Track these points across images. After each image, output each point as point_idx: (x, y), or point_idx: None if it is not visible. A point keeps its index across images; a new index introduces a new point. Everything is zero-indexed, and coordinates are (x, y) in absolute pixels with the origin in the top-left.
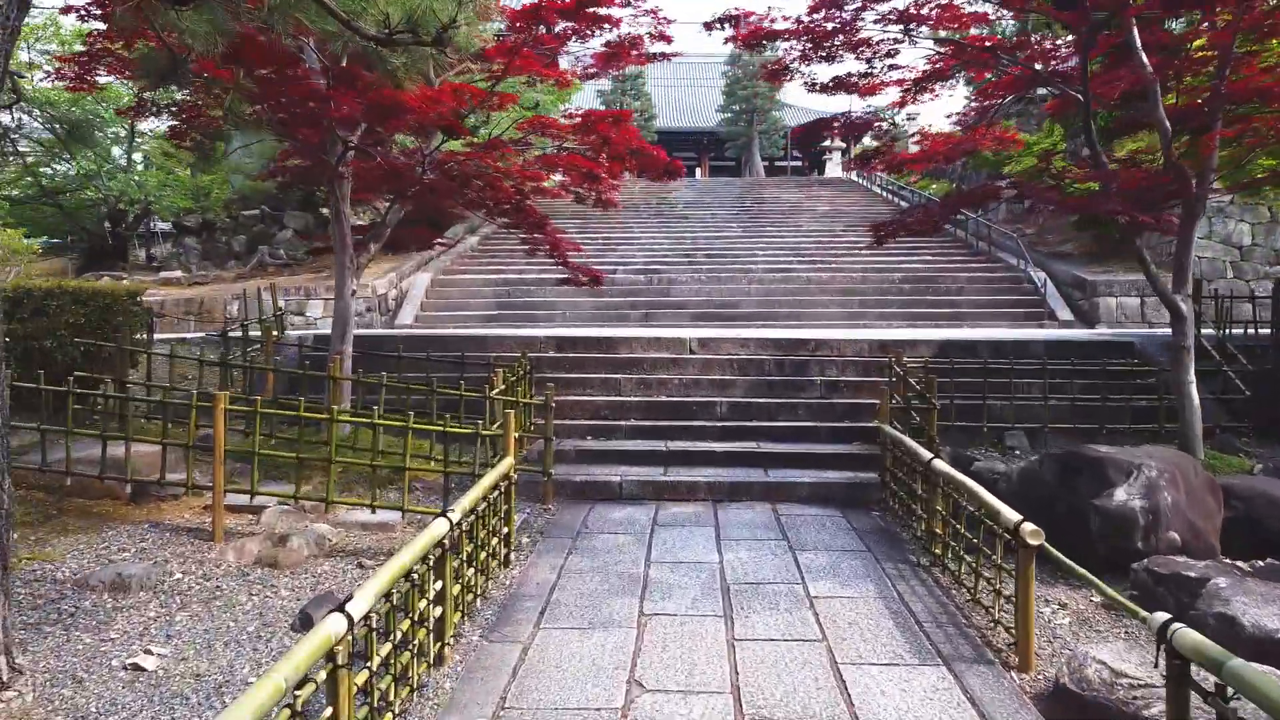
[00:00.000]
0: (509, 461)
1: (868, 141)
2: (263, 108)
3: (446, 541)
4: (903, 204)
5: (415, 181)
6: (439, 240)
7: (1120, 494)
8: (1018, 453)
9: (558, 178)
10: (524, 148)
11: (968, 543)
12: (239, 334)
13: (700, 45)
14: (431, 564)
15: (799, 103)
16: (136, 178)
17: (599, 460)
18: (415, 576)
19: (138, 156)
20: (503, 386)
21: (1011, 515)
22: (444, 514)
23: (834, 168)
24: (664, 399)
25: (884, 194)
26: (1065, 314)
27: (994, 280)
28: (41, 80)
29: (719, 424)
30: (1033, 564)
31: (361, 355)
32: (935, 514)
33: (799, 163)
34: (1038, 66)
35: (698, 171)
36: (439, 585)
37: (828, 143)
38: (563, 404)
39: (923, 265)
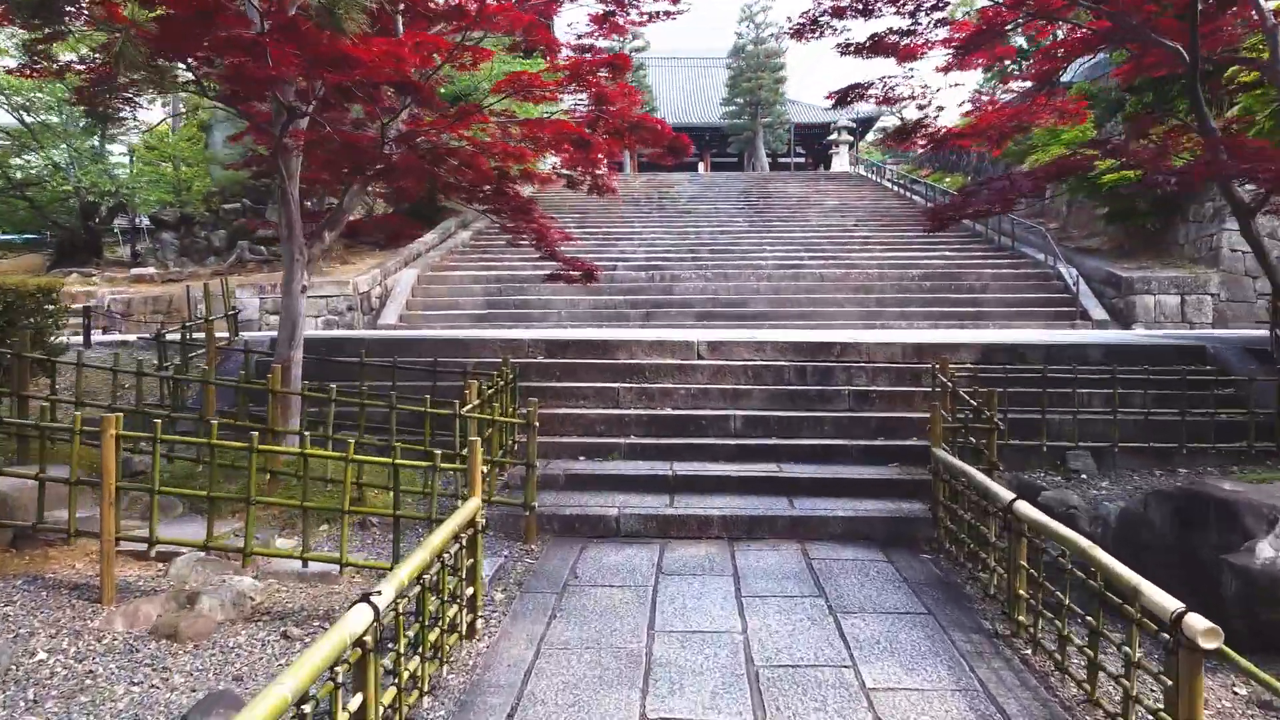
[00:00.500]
0: (474, 504)
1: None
2: (196, 68)
3: (369, 638)
4: (916, 199)
5: (376, 158)
6: (415, 235)
7: (1266, 549)
8: (1084, 477)
9: (550, 161)
10: (506, 120)
11: (1057, 602)
12: (189, 336)
13: (701, 44)
14: (340, 680)
15: (803, 99)
16: (108, 169)
17: (593, 487)
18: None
19: (118, 148)
20: (477, 401)
21: (1165, 600)
22: (367, 599)
23: (840, 163)
24: (668, 412)
25: (895, 188)
26: (1099, 313)
27: (1020, 277)
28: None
29: (733, 442)
30: (1201, 673)
31: (319, 361)
32: (1018, 570)
33: (802, 159)
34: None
35: (700, 167)
36: (357, 701)
37: (834, 136)
38: (551, 418)
39: (943, 261)
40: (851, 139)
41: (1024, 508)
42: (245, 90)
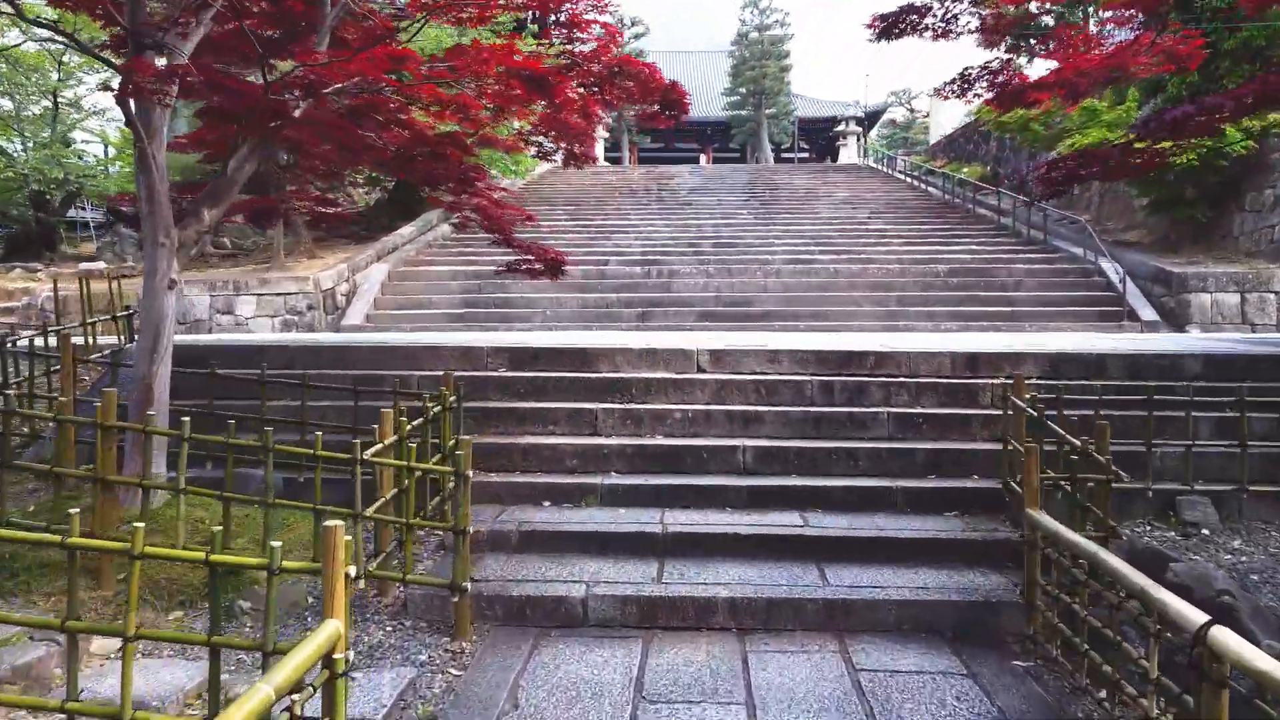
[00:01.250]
0: (326, 635)
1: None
2: None
3: None
4: (932, 190)
5: (275, 112)
6: (392, 227)
7: None
8: (1204, 532)
9: (515, 126)
10: (436, 64)
11: None
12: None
13: (703, 37)
14: None
15: (806, 93)
16: (56, 155)
17: (556, 548)
18: None
19: (81, 135)
20: (394, 438)
21: None
22: None
23: (848, 155)
24: (659, 441)
25: (908, 180)
26: (1149, 313)
27: (1056, 273)
28: None
29: (743, 483)
30: None
31: (201, 378)
32: None
33: (806, 154)
34: None
35: (702, 160)
36: None
37: (842, 127)
38: (510, 451)
39: (969, 256)
40: (860, 129)
41: (1228, 641)
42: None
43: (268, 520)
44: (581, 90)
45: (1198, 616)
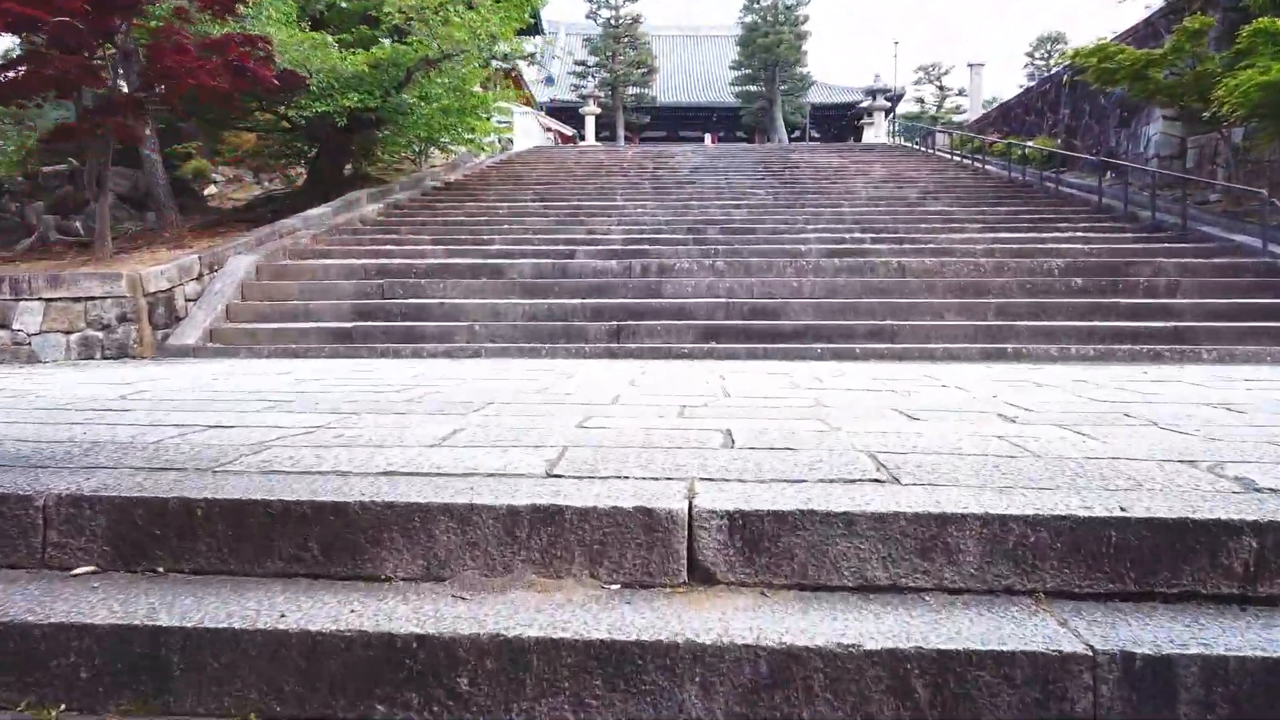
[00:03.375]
0: None
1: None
2: None
3: None
4: (990, 168)
5: None
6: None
7: None
8: None
9: None
10: None
11: None
12: None
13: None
14: None
15: (821, 78)
16: None
17: None
18: None
19: None
20: None
21: None
22: None
23: (873, 135)
24: None
25: (954, 158)
26: None
27: (1222, 271)
28: None
29: None
30: None
31: None
32: None
33: (818, 141)
34: None
35: (707, 139)
36: None
37: (868, 103)
38: None
39: (1086, 248)
40: (889, 104)
41: None
42: None
43: None
44: None
45: None
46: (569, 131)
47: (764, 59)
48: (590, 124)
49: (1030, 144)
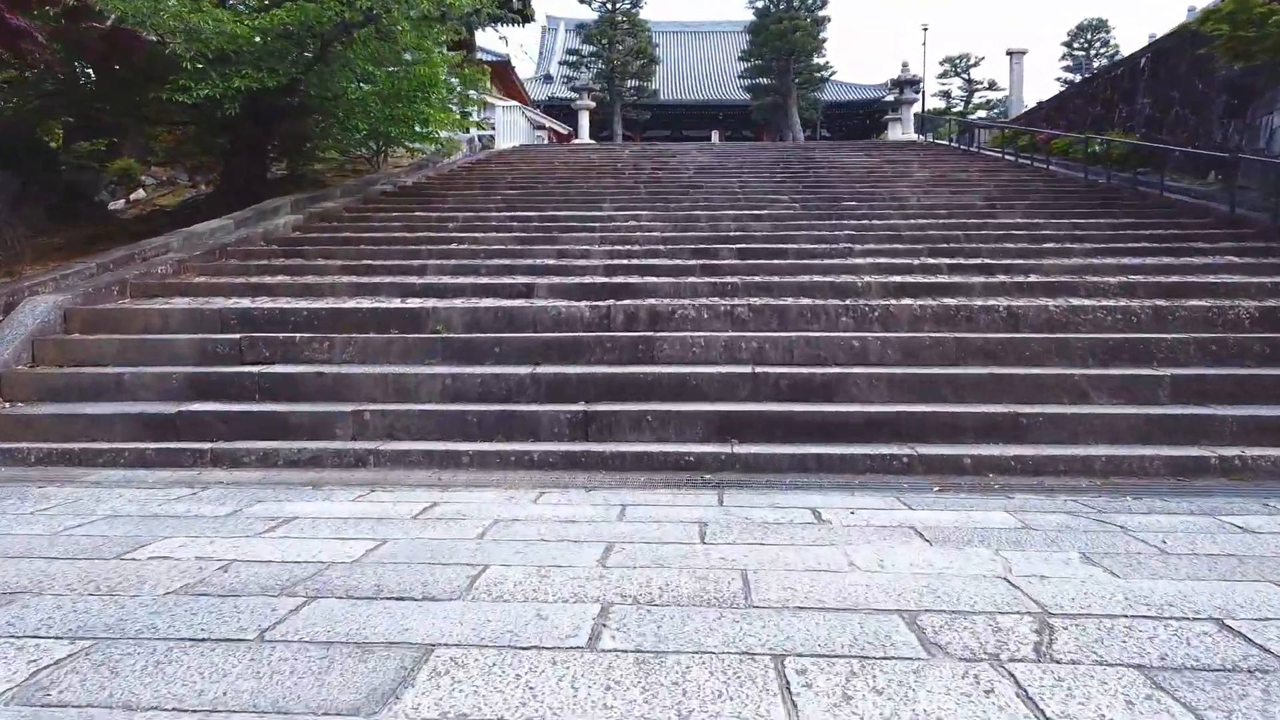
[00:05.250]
0: None
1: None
2: None
3: None
4: (1052, 168)
5: None
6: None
7: None
8: None
9: None
10: None
11: None
12: None
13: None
14: None
15: (841, 77)
16: None
17: None
18: None
19: None
20: None
21: None
22: None
23: (900, 132)
24: None
25: (1003, 156)
26: None
27: None
28: None
29: None
30: None
31: None
32: None
33: (828, 140)
34: None
35: (714, 135)
36: None
37: (895, 96)
38: None
39: (1275, 283)
40: (917, 97)
41: None
42: None
43: None
44: None
45: None
46: (564, 130)
47: (777, 48)
48: (584, 120)
49: (1097, 145)
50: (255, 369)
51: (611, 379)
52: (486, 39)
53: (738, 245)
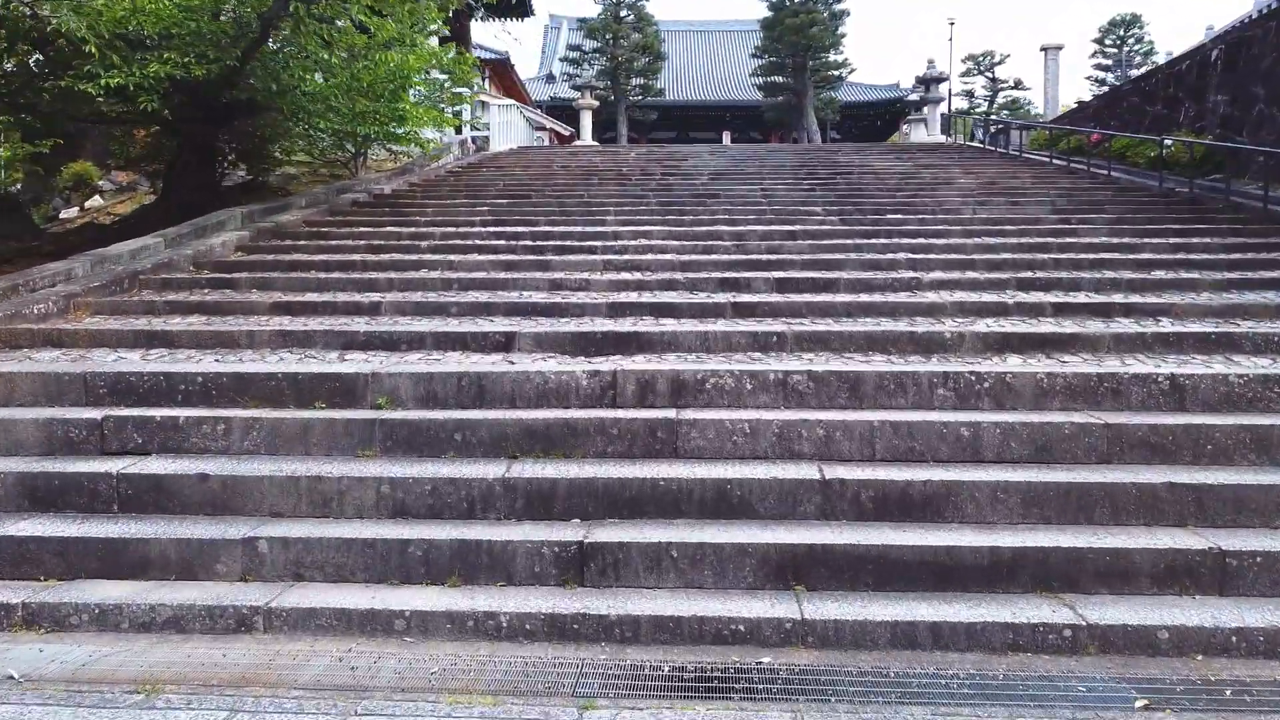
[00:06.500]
0: None
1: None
2: None
3: None
4: (1113, 174)
5: None
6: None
7: None
8: None
9: None
10: None
11: None
12: None
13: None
14: None
15: (851, 77)
16: None
17: None
18: None
19: None
20: None
21: None
22: None
23: (924, 133)
24: None
25: (1050, 160)
26: None
27: None
28: None
29: None
30: None
31: None
32: None
33: (839, 142)
34: None
35: (726, 137)
36: None
37: (920, 95)
38: None
39: None
40: (943, 97)
41: None
42: None
43: None
44: None
45: None
46: (566, 132)
47: (793, 44)
48: (586, 121)
49: (1150, 155)
50: (117, 466)
51: (619, 487)
52: (485, 37)
53: (773, 274)
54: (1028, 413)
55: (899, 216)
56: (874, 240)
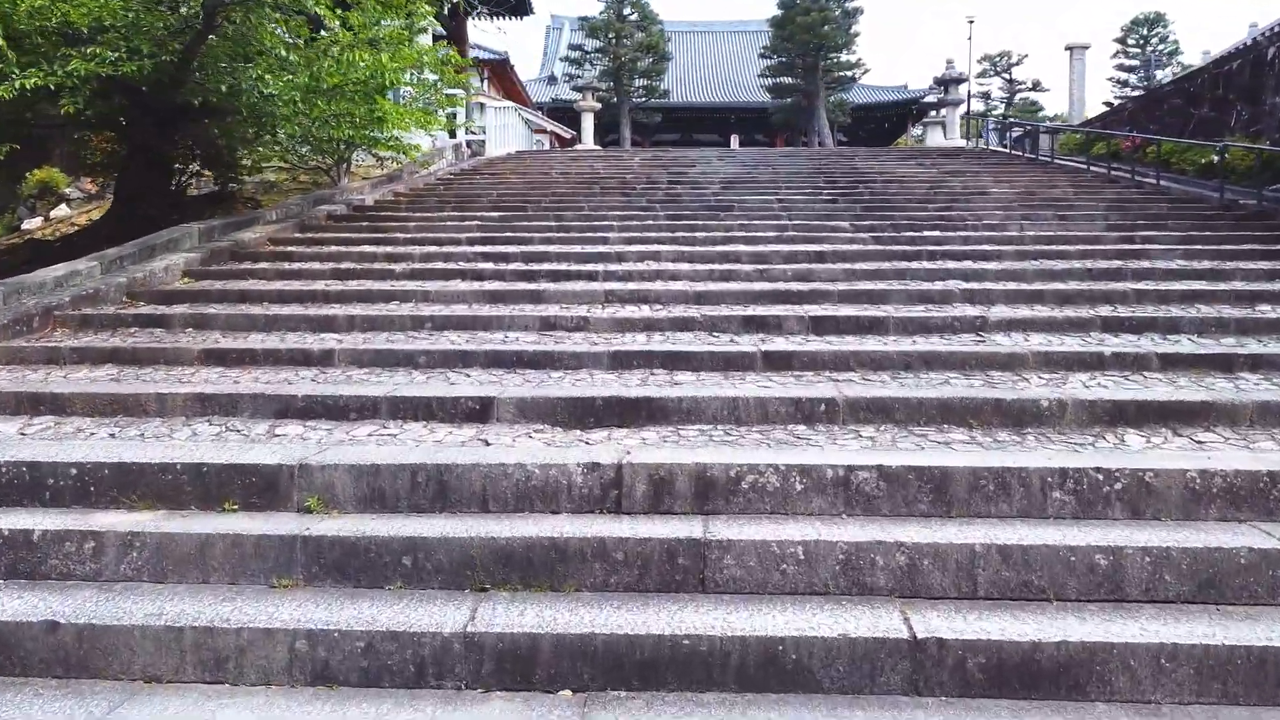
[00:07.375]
0: None
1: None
2: None
3: None
4: (1165, 184)
5: None
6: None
7: None
8: None
9: None
10: None
11: None
12: None
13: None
14: None
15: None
16: None
17: None
18: None
19: None
20: None
21: None
22: None
23: (941, 136)
24: None
25: (1088, 167)
26: None
27: None
28: None
29: None
30: None
31: None
32: None
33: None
34: None
35: (734, 141)
36: None
37: (938, 96)
38: None
39: None
40: (963, 98)
41: None
42: None
43: None
44: None
45: None
46: (568, 134)
47: (804, 43)
48: (588, 123)
49: (1202, 162)
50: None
51: (626, 646)
52: (484, 36)
53: (806, 309)
54: (1178, 527)
55: (937, 234)
56: (916, 265)
